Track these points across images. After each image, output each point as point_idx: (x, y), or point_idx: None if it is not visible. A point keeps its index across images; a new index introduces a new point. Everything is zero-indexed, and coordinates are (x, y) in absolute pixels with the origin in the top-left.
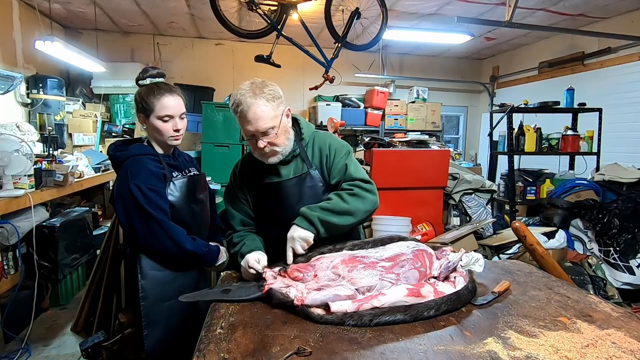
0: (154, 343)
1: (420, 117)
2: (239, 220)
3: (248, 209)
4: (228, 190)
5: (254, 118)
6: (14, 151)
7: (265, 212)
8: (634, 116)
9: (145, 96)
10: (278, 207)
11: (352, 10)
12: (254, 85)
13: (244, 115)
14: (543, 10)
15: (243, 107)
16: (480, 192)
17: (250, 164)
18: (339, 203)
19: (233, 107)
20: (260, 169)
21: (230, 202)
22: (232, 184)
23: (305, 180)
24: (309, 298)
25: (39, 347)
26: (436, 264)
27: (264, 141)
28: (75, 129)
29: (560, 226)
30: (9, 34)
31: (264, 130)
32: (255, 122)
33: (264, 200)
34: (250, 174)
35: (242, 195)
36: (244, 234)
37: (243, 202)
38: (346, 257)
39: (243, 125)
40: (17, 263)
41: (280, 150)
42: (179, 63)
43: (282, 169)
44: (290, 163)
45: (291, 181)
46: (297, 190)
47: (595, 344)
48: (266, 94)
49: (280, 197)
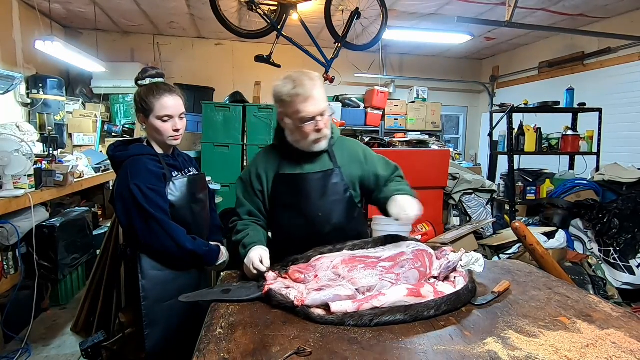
0: (155, 343)
1: (420, 117)
2: (246, 210)
3: (260, 201)
4: (242, 180)
5: (318, 98)
6: (14, 151)
7: (287, 203)
8: (634, 116)
9: (144, 96)
10: (301, 198)
11: (352, 10)
12: (304, 72)
13: (310, 94)
14: (543, 10)
15: (307, 88)
16: (480, 192)
17: (273, 156)
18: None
19: (291, 91)
20: (284, 160)
21: (242, 191)
22: (249, 173)
23: (331, 177)
24: (309, 298)
25: (39, 347)
26: (436, 264)
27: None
28: (75, 129)
29: (560, 226)
30: (9, 34)
31: (324, 110)
32: (319, 103)
33: (286, 191)
34: (272, 165)
35: (257, 186)
36: (248, 224)
37: (257, 193)
38: (346, 257)
39: (305, 107)
40: (17, 263)
41: (327, 135)
42: (179, 63)
43: (307, 163)
44: (315, 159)
45: (317, 175)
46: (322, 184)
47: (595, 344)
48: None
49: (304, 189)
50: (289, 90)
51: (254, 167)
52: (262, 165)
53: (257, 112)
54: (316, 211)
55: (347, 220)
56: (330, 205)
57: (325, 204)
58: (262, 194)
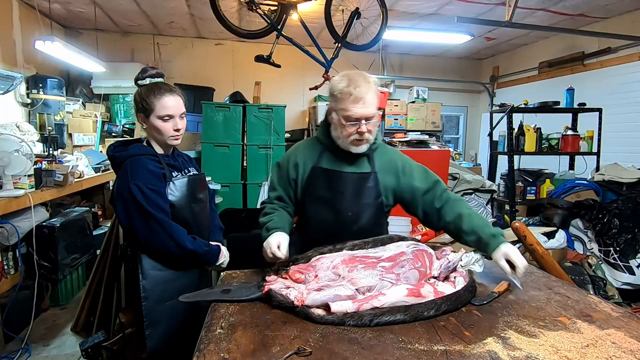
0: (156, 343)
1: (420, 117)
2: (277, 195)
3: (291, 190)
4: (279, 166)
5: (370, 102)
6: (14, 151)
7: (320, 196)
8: (634, 116)
9: (145, 96)
10: (336, 195)
11: (352, 10)
12: (363, 74)
13: (362, 97)
14: (543, 10)
15: (361, 90)
16: (480, 192)
17: (315, 148)
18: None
19: (345, 89)
20: (324, 155)
21: (277, 176)
22: (287, 161)
23: (367, 180)
24: (309, 298)
25: (39, 347)
26: (436, 264)
27: (366, 126)
28: (75, 129)
29: (560, 226)
30: (9, 34)
31: (371, 115)
32: (369, 107)
33: (321, 184)
34: (312, 157)
35: (293, 175)
36: (276, 208)
37: (291, 181)
38: (346, 257)
39: (354, 107)
40: (17, 263)
41: (371, 140)
42: (179, 63)
43: (346, 161)
44: (355, 160)
45: (354, 175)
46: (357, 185)
47: (595, 344)
48: (375, 84)
49: (340, 186)
50: (343, 87)
51: (293, 155)
52: (302, 155)
53: (257, 112)
54: (347, 210)
55: (373, 225)
56: (361, 206)
57: (357, 205)
58: (295, 183)
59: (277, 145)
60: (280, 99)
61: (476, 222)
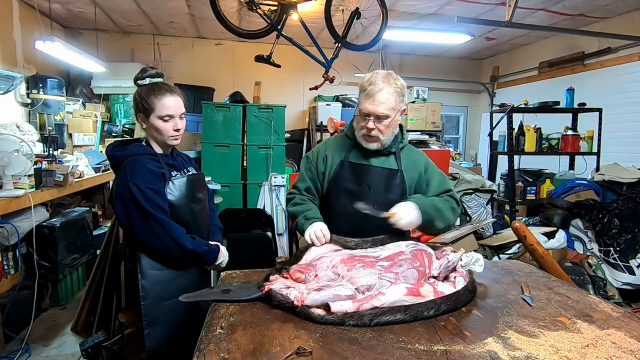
0: (155, 343)
1: (420, 117)
2: (306, 186)
3: (318, 182)
4: (309, 158)
5: (379, 101)
6: (14, 151)
7: (348, 189)
8: (634, 116)
9: (145, 96)
10: (365, 189)
11: (352, 10)
12: (389, 75)
13: (372, 94)
14: (543, 10)
15: (374, 88)
16: (480, 192)
17: (344, 142)
18: (446, 210)
19: (364, 83)
20: (352, 150)
21: (306, 168)
22: (317, 154)
23: (396, 177)
24: (309, 298)
25: (39, 347)
26: (435, 263)
27: (375, 124)
28: (75, 129)
29: (560, 226)
30: (9, 34)
31: (381, 114)
32: (378, 105)
33: (350, 178)
34: (340, 151)
35: (321, 168)
36: (306, 200)
37: (319, 174)
38: (345, 256)
39: (365, 102)
40: (17, 263)
41: (382, 139)
42: (179, 63)
43: (374, 158)
44: (383, 156)
45: (383, 170)
46: (386, 181)
47: (595, 344)
48: (397, 86)
49: (369, 181)
50: (363, 82)
51: (323, 149)
52: (331, 149)
53: (257, 112)
54: (374, 203)
55: None
56: (387, 202)
57: (383, 200)
58: (324, 176)
59: (277, 145)
60: (280, 99)
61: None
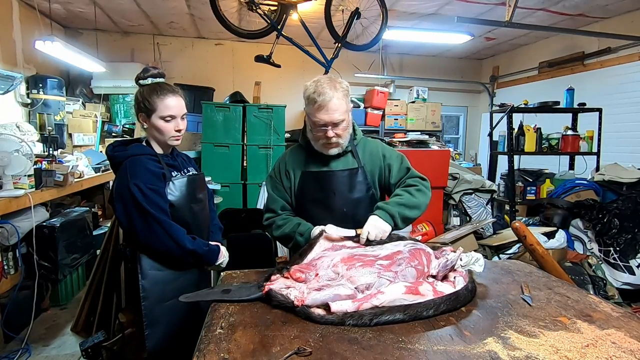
0: (156, 343)
1: (420, 117)
2: (280, 205)
3: (288, 197)
4: (272, 177)
5: (333, 109)
6: (14, 151)
7: (315, 198)
8: (634, 116)
9: (147, 96)
10: (329, 194)
11: (352, 10)
12: (332, 80)
13: (325, 104)
14: (543, 10)
15: (325, 98)
16: (480, 192)
17: (300, 154)
18: (410, 198)
19: (311, 95)
20: (310, 159)
21: (272, 187)
22: (278, 171)
23: (356, 175)
24: (309, 298)
25: (39, 347)
26: (434, 262)
27: (333, 131)
28: (75, 129)
29: (560, 226)
30: (9, 34)
31: (338, 121)
32: (332, 113)
33: (314, 187)
34: (299, 163)
35: (287, 183)
36: (287, 217)
37: (286, 190)
38: (345, 255)
39: (318, 114)
40: (17, 263)
41: (342, 143)
42: (179, 63)
43: (332, 161)
44: (340, 157)
45: (343, 172)
46: (348, 182)
47: (595, 344)
48: (344, 89)
49: (332, 186)
50: (309, 94)
51: (282, 165)
52: (290, 163)
53: (257, 112)
54: (342, 207)
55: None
56: (354, 201)
57: (350, 201)
58: (290, 190)
59: (277, 145)
60: (280, 99)
61: (394, 196)
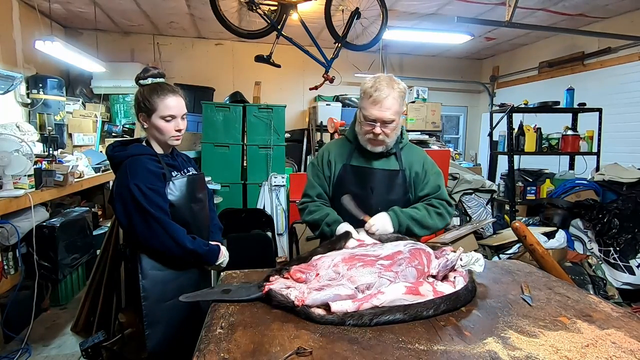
0: (156, 343)
1: (420, 117)
2: (317, 192)
3: (327, 186)
4: (314, 165)
5: (386, 107)
6: (14, 151)
7: (352, 193)
8: (634, 116)
9: (148, 96)
10: (368, 192)
11: (352, 10)
12: (391, 79)
13: (379, 101)
14: (543, 10)
15: (381, 94)
16: (480, 192)
17: (345, 146)
18: (426, 218)
19: (368, 89)
20: (354, 153)
21: (313, 174)
22: (321, 159)
23: (397, 177)
24: (309, 298)
25: (39, 347)
26: (434, 262)
27: (382, 129)
28: (75, 129)
29: (560, 226)
30: (9, 34)
31: (388, 120)
32: (385, 110)
33: (353, 181)
34: (343, 155)
35: (327, 172)
36: (320, 205)
37: (326, 179)
38: (346, 255)
39: (371, 108)
40: (17, 263)
41: (388, 142)
42: (179, 63)
43: (375, 159)
44: (384, 157)
45: (385, 172)
46: (388, 182)
47: (595, 344)
48: (400, 90)
49: (371, 183)
50: (367, 88)
51: (326, 153)
52: (334, 153)
53: (257, 112)
54: (377, 205)
55: None
56: (390, 202)
57: (387, 201)
58: (329, 180)
59: (277, 145)
60: (280, 99)
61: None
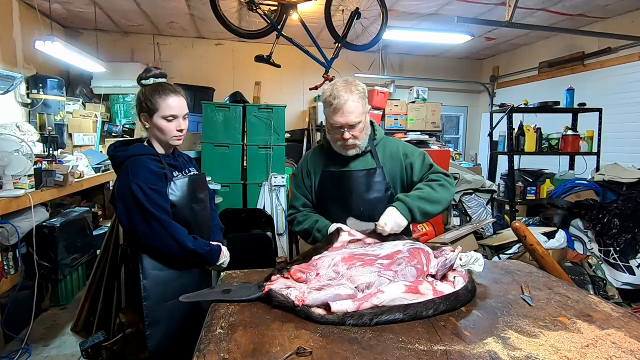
0: (157, 343)
1: (420, 117)
2: (302, 202)
3: (309, 195)
4: (295, 176)
5: (348, 111)
6: (14, 151)
7: (333, 197)
8: (634, 116)
9: (149, 95)
10: (347, 194)
11: (352, 10)
12: (348, 83)
13: (340, 107)
14: (543, 10)
15: (340, 100)
16: (480, 192)
17: (321, 154)
18: (432, 193)
19: (327, 98)
20: (330, 159)
21: (295, 185)
22: (300, 170)
23: (374, 175)
24: (309, 298)
25: (39, 347)
26: (433, 262)
27: (350, 133)
28: (75, 129)
29: (560, 226)
30: (9, 34)
31: (353, 123)
32: (348, 115)
33: (332, 186)
34: (320, 163)
35: (307, 182)
36: (307, 213)
37: (307, 188)
38: (346, 254)
39: (335, 116)
40: (17, 263)
41: (359, 144)
42: (179, 63)
43: (351, 161)
44: (359, 157)
45: (361, 172)
46: (365, 182)
47: (595, 344)
48: (360, 92)
49: (349, 185)
50: (326, 97)
51: (305, 164)
52: (312, 163)
53: (257, 112)
54: (359, 206)
55: None
56: (372, 201)
57: (368, 200)
58: (311, 189)
59: (277, 145)
60: (280, 99)
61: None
